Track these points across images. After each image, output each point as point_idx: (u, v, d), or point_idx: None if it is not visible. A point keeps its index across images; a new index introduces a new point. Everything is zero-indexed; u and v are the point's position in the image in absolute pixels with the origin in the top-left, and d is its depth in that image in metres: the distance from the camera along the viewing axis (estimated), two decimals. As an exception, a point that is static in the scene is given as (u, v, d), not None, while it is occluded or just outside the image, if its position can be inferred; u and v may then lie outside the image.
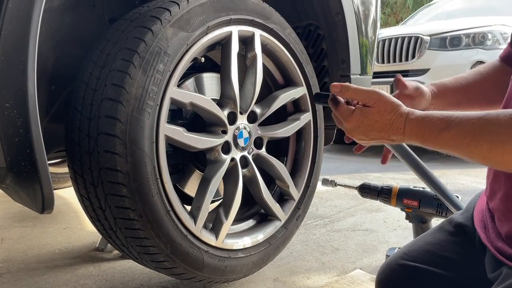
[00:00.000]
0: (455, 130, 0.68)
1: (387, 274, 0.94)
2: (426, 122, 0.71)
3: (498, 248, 0.80)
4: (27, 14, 0.86)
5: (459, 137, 0.68)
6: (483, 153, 0.67)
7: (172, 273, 1.23)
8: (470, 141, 0.66)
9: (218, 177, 1.26)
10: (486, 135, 0.65)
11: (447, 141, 0.69)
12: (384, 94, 0.78)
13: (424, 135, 0.72)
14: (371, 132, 0.78)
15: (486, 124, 0.65)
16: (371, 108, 0.77)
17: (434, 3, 5.62)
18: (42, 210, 0.96)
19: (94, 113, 1.05)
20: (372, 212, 2.31)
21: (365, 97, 0.78)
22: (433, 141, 0.71)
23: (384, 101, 0.77)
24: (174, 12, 1.12)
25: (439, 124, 0.70)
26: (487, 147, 0.65)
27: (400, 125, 0.74)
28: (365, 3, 1.75)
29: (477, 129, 0.66)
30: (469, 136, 0.66)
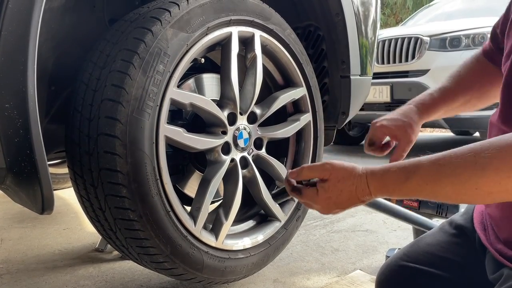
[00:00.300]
0: (416, 180, 0.68)
1: (387, 276, 0.94)
2: (387, 178, 0.72)
3: (498, 249, 0.81)
4: (27, 14, 0.86)
5: (420, 186, 0.68)
6: (448, 195, 0.68)
7: (172, 274, 1.23)
8: (432, 186, 0.67)
9: (218, 178, 1.26)
10: (446, 179, 0.66)
11: (412, 190, 0.70)
12: (335, 162, 0.78)
13: (389, 190, 0.73)
14: (341, 203, 0.78)
15: (442, 169, 0.66)
16: (329, 180, 0.77)
17: (434, 4, 5.63)
18: (42, 211, 0.96)
19: (94, 113, 1.05)
20: (372, 213, 2.31)
21: (320, 171, 0.79)
22: (399, 193, 0.72)
23: (338, 168, 0.77)
24: (174, 13, 1.12)
25: (399, 177, 0.70)
26: (450, 189, 0.66)
27: (364, 186, 0.74)
28: (365, 4, 1.75)
29: (435, 176, 0.66)
30: (431, 182, 0.67)
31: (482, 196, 0.65)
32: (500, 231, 0.81)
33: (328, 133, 1.80)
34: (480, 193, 0.64)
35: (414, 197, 0.72)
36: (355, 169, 0.76)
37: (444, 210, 1.44)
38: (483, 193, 0.64)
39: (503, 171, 0.61)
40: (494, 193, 0.63)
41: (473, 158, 0.63)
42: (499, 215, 0.81)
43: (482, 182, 0.63)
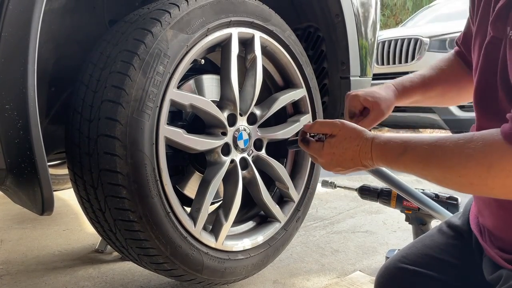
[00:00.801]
0: (411, 155, 0.71)
1: (386, 278, 0.94)
2: (388, 147, 0.75)
3: (495, 251, 0.81)
4: (27, 16, 0.86)
5: (414, 162, 0.71)
6: (436, 177, 0.70)
7: (172, 275, 1.23)
8: (423, 165, 0.70)
9: (218, 179, 1.26)
10: (436, 160, 0.68)
11: (406, 165, 0.73)
12: (346, 122, 0.82)
13: (387, 159, 0.75)
14: (344, 162, 0.81)
15: (436, 150, 0.68)
16: (337, 137, 0.81)
17: (433, 5, 5.63)
18: (41, 211, 0.96)
19: (94, 114, 1.05)
20: (371, 214, 2.31)
21: (330, 127, 0.83)
22: (395, 164, 0.75)
23: (347, 128, 0.81)
24: (174, 14, 1.12)
25: (398, 149, 0.73)
26: (438, 172, 0.69)
27: (367, 150, 0.77)
28: (365, 5, 1.75)
29: (428, 155, 0.69)
30: (423, 161, 0.70)
31: (465, 185, 0.67)
32: (495, 240, 0.81)
33: (328, 134, 1.79)
34: (463, 182, 0.66)
35: (409, 172, 0.74)
36: (363, 132, 0.79)
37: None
38: (466, 182, 0.66)
39: (483, 165, 0.63)
40: (475, 184, 0.65)
41: (461, 147, 0.65)
42: (492, 225, 0.82)
43: (464, 172, 0.65)
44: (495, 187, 0.64)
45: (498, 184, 0.63)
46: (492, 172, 0.62)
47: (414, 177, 3.24)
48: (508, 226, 0.78)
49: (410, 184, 1.52)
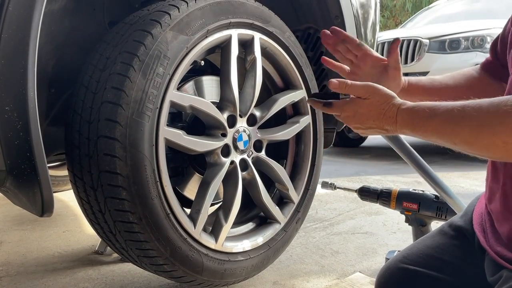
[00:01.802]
0: (440, 117, 0.72)
1: (386, 278, 0.94)
2: (416, 111, 0.75)
3: (497, 252, 0.81)
4: (27, 17, 0.87)
5: (444, 124, 0.71)
6: (465, 138, 0.70)
7: (172, 276, 1.23)
8: (453, 127, 0.70)
9: (218, 180, 1.26)
10: (468, 120, 0.68)
11: (434, 128, 0.73)
12: (378, 87, 0.81)
13: (413, 123, 0.75)
14: (366, 121, 0.81)
15: (468, 111, 0.69)
16: (366, 99, 0.81)
17: (433, 6, 5.64)
18: (41, 213, 0.96)
19: (94, 116, 1.05)
20: (371, 215, 2.31)
21: (362, 91, 0.82)
22: (421, 128, 0.75)
23: (379, 93, 0.80)
24: (174, 15, 1.12)
25: (427, 112, 0.73)
26: (468, 132, 0.69)
27: (393, 115, 0.77)
28: (364, 7, 1.76)
29: (459, 115, 0.69)
30: (453, 122, 0.70)
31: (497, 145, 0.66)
32: (501, 226, 0.81)
33: (327, 136, 1.80)
34: (496, 141, 0.66)
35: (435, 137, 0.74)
36: (392, 98, 0.79)
37: (444, 212, 1.44)
38: (499, 142, 0.65)
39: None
40: (509, 143, 0.65)
41: (496, 106, 0.65)
42: (501, 209, 0.81)
43: (500, 129, 0.65)
44: None
45: None
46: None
47: (413, 179, 3.25)
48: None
49: (410, 186, 1.51)
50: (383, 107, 0.78)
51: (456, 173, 3.51)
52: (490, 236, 0.84)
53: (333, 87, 0.84)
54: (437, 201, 1.45)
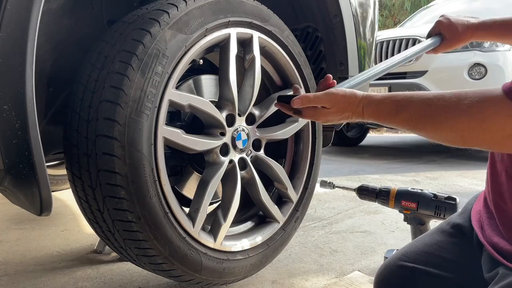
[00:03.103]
0: (405, 114, 0.77)
1: (385, 276, 0.94)
2: (380, 109, 0.81)
3: (494, 244, 0.81)
4: (25, 16, 0.86)
5: (407, 120, 0.77)
6: (429, 133, 0.76)
7: (170, 275, 1.23)
8: (416, 123, 0.76)
9: (217, 179, 1.26)
10: (429, 118, 0.74)
11: (399, 123, 0.79)
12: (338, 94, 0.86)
13: (380, 119, 0.82)
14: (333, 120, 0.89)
15: (428, 108, 0.74)
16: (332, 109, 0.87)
17: (431, 6, 5.64)
18: (40, 212, 0.96)
19: (92, 115, 1.05)
20: (370, 214, 2.31)
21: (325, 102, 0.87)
22: (388, 123, 0.82)
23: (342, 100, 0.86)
24: (173, 14, 1.12)
25: (391, 110, 0.79)
26: (430, 128, 0.74)
27: (359, 113, 0.84)
28: (363, 6, 1.76)
29: (420, 112, 0.75)
30: (416, 119, 0.76)
31: (455, 139, 0.73)
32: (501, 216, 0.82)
33: (326, 134, 1.80)
34: (454, 136, 0.72)
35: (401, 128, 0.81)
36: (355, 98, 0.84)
37: (442, 211, 1.45)
38: (457, 136, 0.72)
39: (476, 119, 0.68)
40: (466, 137, 0.71)
41: (455, 103, 0.71)
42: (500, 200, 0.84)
43: (457, 127, 0.70)
44: (486, 139, 0.69)
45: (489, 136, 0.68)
46: (485, 125, 0.67)
47: (411, 178, 3.25)
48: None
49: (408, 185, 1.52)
50: (349, 108, 0.85)
51: (454, 172, 3.51)
52: (486, 229, 0.85)
53: (296, 105, 0.90)
54: (436, 200, 1.46)
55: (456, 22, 1.24)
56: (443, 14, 1.29)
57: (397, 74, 4.07)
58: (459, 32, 1.23)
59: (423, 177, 3.34)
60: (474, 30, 1.22)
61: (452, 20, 1.25)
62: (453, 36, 1.25)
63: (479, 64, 3.70)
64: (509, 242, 0.79)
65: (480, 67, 3.70)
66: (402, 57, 1.17)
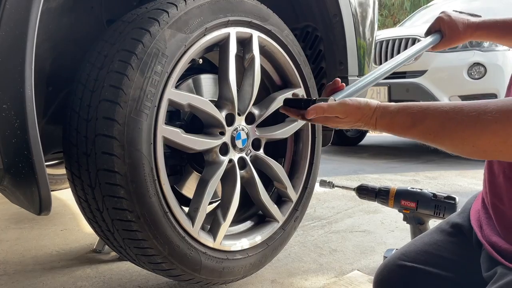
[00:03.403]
0: (421, 127, 0.74)
1: (384, 275, 0.94)
2: (395, 121, 0.79)
3: (492, 243, 0.81)
4: (24, 15, 0.86)
5: (424, 134, 0.74)
6: (447, 147, 0.73)
7: (170, 275, 1.23)
8: (434, 136, 0.73)
9: (216, 179, 1.26)
10: (448, 133, 0.71)
11: (415, 136, 0.76)
12: (352, 105, 0.83)
13: (395, 131, 0.80)
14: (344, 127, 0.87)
15: (447, 122, 0.71)
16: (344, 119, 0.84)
17: (431, 5, 5.64)
18: (39, 211, 0.95)
19: (92, 114, 1.05)
20: (369, 214, 2.31)
21: (339, 112, 0.84)
22: (403, 135, 0.79)
23: (356, 112, 0.83)
24: (172, 13, 1.12)
25: (406, 123, 0.76)
26: (449, 143, 0.72)
27: (372, 124, 0.82)
28: (363, 5, 1.76)
29: (438, 126, 0.72)
30: (433, 133, 0.73)
31: (477, 153, 0.70)
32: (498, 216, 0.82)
33: (326, 134, 1.80)
34: (476, 151, 0.69)
35: (418, 140, 0.77)
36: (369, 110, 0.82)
37: (442, 210, 1.45)
38: (479, 151, 0.69)
39: (499, 136, 0.66)
40: (488, 151, 0.69)
41: (476, 118, 0.68)
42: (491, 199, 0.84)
43: (479, 143, 0.68)
44: (510, 153, 0.67)
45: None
46: (509, 142, 0.65)
47: (411, 177, 3.26)
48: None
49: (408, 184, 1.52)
50: (362, 119, 0.82)
51: (454, 172, 3.51)
52: (485, 228, 0.85)
53: (311, 116, 0.87)
54: (435, 199, 1.46)
55: (457, 19, 1.22)
56: (444, 10, 1.27)
57: (397, 74, 4.06)
58: (459, 30, 1.22)
59: (422, 176, 3.34)
60: (474, 29, 1.21)
61: (453, 18, 1.23)
62: (453, 33, 1.23)
63: (479, 64, 3.69)
64: (507, 241, 0.79)
65: (479, 67, 3.70)
66: (404, 58, 1.15)
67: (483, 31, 1.20)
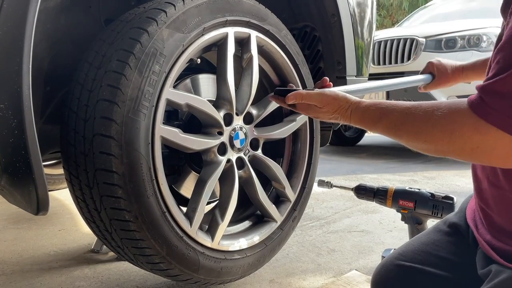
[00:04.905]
0: (386, 121, 0.79)
1: (382, 275, 0.94)
2: (365, 115, 0.84)
3: (487, 241, 0.82)
4: (22, 15, 0.86)
5: (388, 127, 0.79)
6: (406, 142, 0.77)
7: (168, 275, 1.23)
8: (396, 130, 0.78)
9: (214, 179, 1.26)
10: (406, 127, 0.76)
11: (381, 130, 0.81)
12: (330, 95, 0.91)
13: (365, 125, 0.86)
14: (324, 118, 0.94)
15: (407, 117, 0.75)
16: (322, 108, 0.92)
17: (429, 5, 5.65)
18: (37, 211, 0.95)
19: (90, 114, 1.05)
20: (368, 214, 2.31)
21: (317, 101, 0.92)
22: (372, 129, 0.84)
23: (333, 102, 0.90)
24: (170, 13, 1.12)
25: (375, 116, 0.82)
26: (406, 137, 0.76)
27: (347, 117, 0.88)
28: (361, 5, 1.76)
29: (400, 121, 0.77)
30: (395, 127, 0.77)
31: (430, 150, 0.74)
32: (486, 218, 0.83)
33: (324, 134, 1.80)
34: (429, 147, 0.73)
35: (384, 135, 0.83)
36: (346, 101, 0.89)
37: (439, 210, 1.45)
38: (431, 147, 0.73)
39: (445, 132, 0.69)
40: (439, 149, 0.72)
41: (430, 113, 0.72)
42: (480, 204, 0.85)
43: (429, 138, 0.72)
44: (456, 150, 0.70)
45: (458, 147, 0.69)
46: (453, 138, 0.68)
47: (409, 177, 3.26)
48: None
49: (406, 184, 1.52)
50: (338, 111, 0.89)
51: (451, 172, 3.52)
52: (480, 227, 0.85)
53: (290, 101, 0.97)
54: (433, 199, 1.46)
55: (446, 64, 1.39)
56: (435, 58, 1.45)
57: (395, 74, 4.07)
58: (448, 72, 1.38)
59: (420, 176, 3.35)
60: (461, 71, 1.37)
61: (443, 62, 1.40)
62: (443, 76, 1.39)
63: (477, 64, 3.70)
64: (499, 240, 0.80)
65: (477, 67, 3.70)
66: (396, 83, 1.31)
67: (469, 71, 1.35)
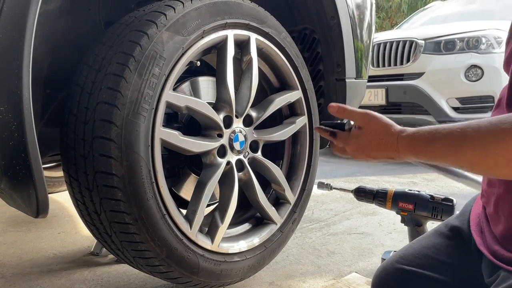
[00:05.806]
0: (442, 141, 0.72)
1: (382, 278, 0.94)
2: (416, 137, 0.76)
3: (494, 252, 0.81)
4: (22, 17, 0.86)
5: (445, 147, 0.71)
6: (469, 160, 0.70)
7: (168, 277, 1.23)
8: (455, 149, 0.70)
9: (214, 181, 1.26)
10: (469, 142, 0.68)
11: (437, 152, 0.73)
12: (375, 115, 0.84)
13: (416, 150, 0.76)
14: (370, 152, 0.84)
15: (468, 132, 0.69)
16: (363, 129, 0.84)
17: (428, 7, 5.66)
18: (36, 214, 0.95)
19: (89, 116, 1.05)
20: (367, 216, 2.31)
21: (358, 118, 0.86)
22: (424, 154, 0.75)
23: (375, 122, 0.83)
24: (170, 16, 1.12)
25: (428, 137, 0.74)
26: (471, 153, 0.69)
27: (393, 143, 0.79)
28: (360, 7, 1.76)
29: (460, 138, 0.70)
30: (454, 145, 0.70)
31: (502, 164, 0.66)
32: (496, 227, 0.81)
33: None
34: (500, 160, 0.66)
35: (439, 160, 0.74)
36: (391, 127, 0.81)
37: (439, 212, 1.45)
38: (503, 160, 0.65)
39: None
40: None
41: (496, 125, 0.66)
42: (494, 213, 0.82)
43: (501, 148, 0.65)
44: None
45: None
46: None
47: (408, 180, 3.26)
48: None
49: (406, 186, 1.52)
50: (382, 136, 0.81)
51: (451, 174, 3.52)
52: (487, 236, 0.84)
53: (331, 110, 0.89)
54: (433, 202, 1.46)
55: None
56: None
57: (394, 76, 4.07)
58: None
59: (420, 178, 3.35)
60: None
61: None
62: None
63: (476, 66, 3.70)
64: (508, 250, 0.79)
65: (476, 69, 3.71)
66: None
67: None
